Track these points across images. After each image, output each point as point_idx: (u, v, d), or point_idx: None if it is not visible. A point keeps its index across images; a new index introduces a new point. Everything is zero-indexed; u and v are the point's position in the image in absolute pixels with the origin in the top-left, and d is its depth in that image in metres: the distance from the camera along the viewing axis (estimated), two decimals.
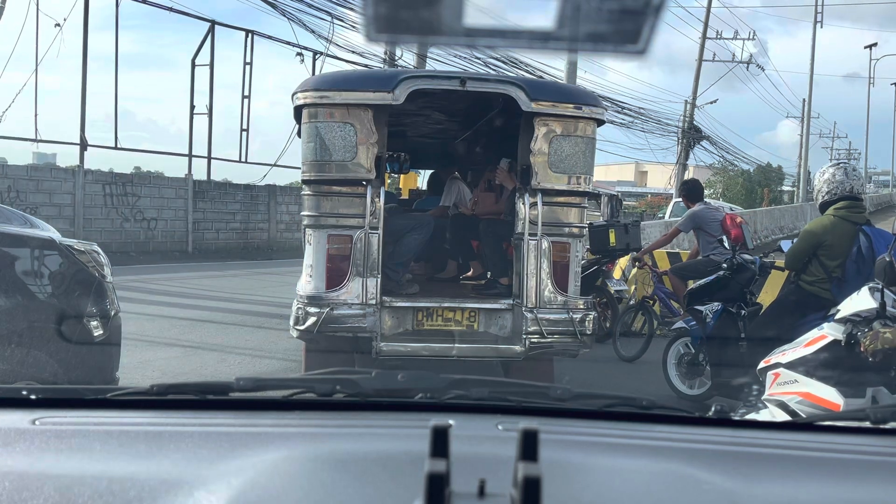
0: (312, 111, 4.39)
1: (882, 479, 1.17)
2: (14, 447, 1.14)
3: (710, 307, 5.41)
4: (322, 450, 1.15)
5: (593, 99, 4.90)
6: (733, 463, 1.16)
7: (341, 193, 4.47)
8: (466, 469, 0.86)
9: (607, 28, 0.54)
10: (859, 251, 4.28)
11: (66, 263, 3.35)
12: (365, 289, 4.40)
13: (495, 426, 1.25)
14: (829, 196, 4.52)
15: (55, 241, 3.42)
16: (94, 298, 3.44)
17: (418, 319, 4.65)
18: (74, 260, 3.40)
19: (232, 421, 1.29)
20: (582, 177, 4.68)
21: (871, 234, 4.32)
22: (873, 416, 1.38)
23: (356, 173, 4.40)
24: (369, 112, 4.34)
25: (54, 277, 3.34)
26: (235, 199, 20.07)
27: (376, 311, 4.41)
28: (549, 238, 4.60)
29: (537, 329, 4.51)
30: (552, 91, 4.77)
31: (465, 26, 0.54)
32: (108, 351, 3.44)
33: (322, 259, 4.47)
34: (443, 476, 0.72)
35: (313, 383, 1.41)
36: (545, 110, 4.44)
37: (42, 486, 0.96)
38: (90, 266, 3.47)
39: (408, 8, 0.53)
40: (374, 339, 4.39)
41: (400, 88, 4.29)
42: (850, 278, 4.27)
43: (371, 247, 4.42)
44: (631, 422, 1.37)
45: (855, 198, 4.53)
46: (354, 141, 4.34)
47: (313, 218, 4.53)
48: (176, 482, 0.99)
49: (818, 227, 4.50)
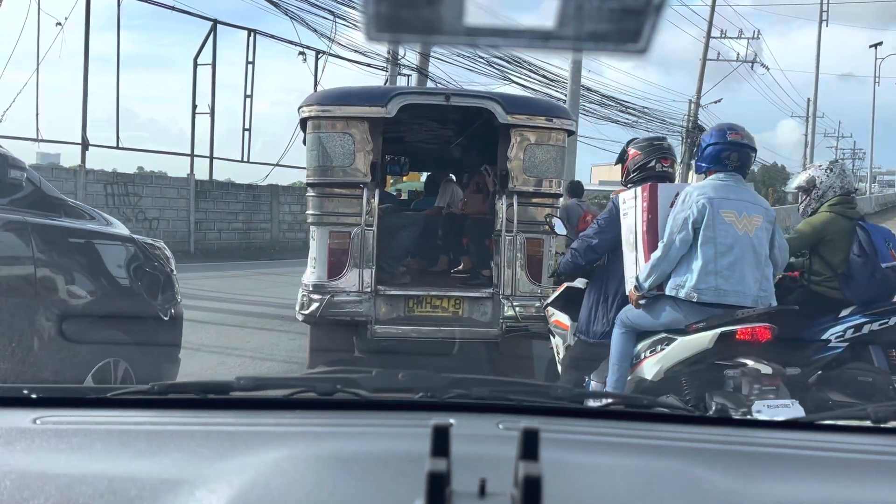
0: (316, 123, 4.99)
1: (882, 478, 1.17)
2: (15, 446, 1.14)
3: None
4: (323, 449, 1.15)
5: (563, 112, 5.51)
6: (734, 462, 1.16)
7: (341, 195, 5.02)
8: (467, 468, 0.86)
9: (608, 27, 0.54)
10: (860, 245, 4.26)
11: (143, 257, 3.80)
12: (361, 278, 4.98)
13: (496, 425, 1.25)
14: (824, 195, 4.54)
15: (134, 238, 3.86)
16: (164, 288, 3.91)
17: (409, 306, 5.22)
18: (149, 254, 3.87)
19: (233, 420, 1.30)
20: (553, 180, 5.30)
21: (871, 229, 4.33)
22: (874, 415, 1.38)
23: (354, 177, 4.97)
24: (366, 124, 4.93)
25: (136, 269, 3.76)
26: (237, 198, 19.98)
27: (371, 297, 5.01)
28: (524, 234, 5.21)
29: (513, 315, 5.11)
30: (526, 105, 5.37)
31: (466, 25, 0.54)
32: (175, 333, 3.94)
33: (324, 252, 5.03)
34: (443, 475, 0.72)
35: (314, 382, 1.42)
36: (520, 122, 5.05)
37: (43, 486, 0.96)
38: (161, 260, 3.97)
39: (408, 7, 0.53)
40: (369, 322, 4.99)
41: (392, 103, 4.90)
42: (856, 273, 4.25)
43: (367, 242, 5.00)
44: (632, 421, 1.37)
45: (848, 194, 4.55)
46: (352, 149, 4.93)
47: (317, 216, 5.09)
48: (177, 481, 0.99)
49: (818, 222, 4.50)
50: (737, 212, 3.36)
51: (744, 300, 3.29)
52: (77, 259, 3.38)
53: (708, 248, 3.31)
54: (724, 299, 3.28)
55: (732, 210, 3.35)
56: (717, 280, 3.28)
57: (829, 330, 4.33)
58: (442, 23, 0.54)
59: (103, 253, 3.56)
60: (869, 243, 4.26)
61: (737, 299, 3.28)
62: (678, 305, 3.36)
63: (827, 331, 4.34)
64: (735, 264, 3.30)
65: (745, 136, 3.55)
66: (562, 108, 5.79)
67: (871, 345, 4.22)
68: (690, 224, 3.33)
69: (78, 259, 3.39)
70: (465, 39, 0.56)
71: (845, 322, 4.31)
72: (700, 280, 3.29)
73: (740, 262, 3.31)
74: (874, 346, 4.22)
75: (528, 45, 0.57)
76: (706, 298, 3.29)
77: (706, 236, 3.31)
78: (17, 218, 3.03)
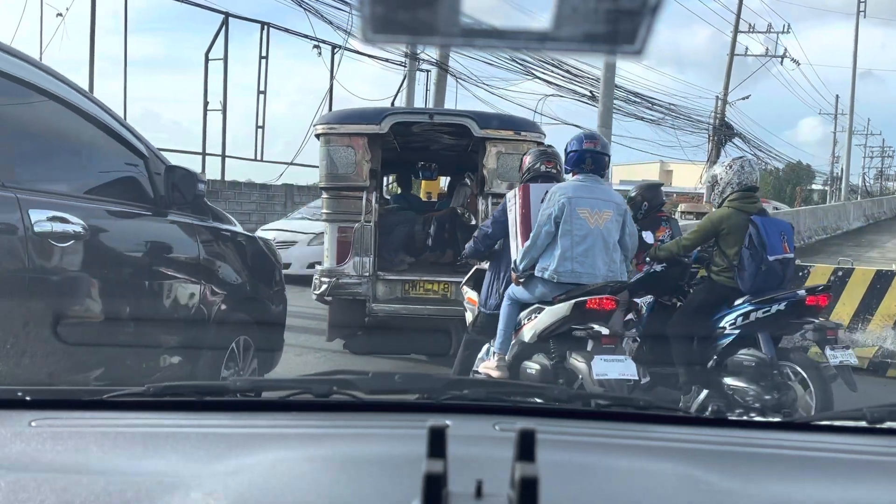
0: (326, 138, 6.01)
1: (877, 478, 1.18)
2: (11, 448, 1.14)
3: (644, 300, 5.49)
4: (319, 451, 1.15)
5: (530, 126, 6.36)
6: (730, 462, 1.16)
7: (347, 196, 6.04)
8: (464, 469, 0.86)
9: (604, 28, 0.54)
10: (750, 240, 4.50)
11: (262, 252, 4.43)
12: (362, 265, 5.97)
13: (492, 426, 1.25)
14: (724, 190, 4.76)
15: (256, 236, 4.57)
16: (276, 278, 4.56)
17: (405, 289, 6.14)
18: (266, 249, 4.51)
19: (228, 422, 1.29)
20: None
21: (760, 223, 4.53)
22: (869, 415, 1.38)
23: (356, 182, 5.96)
24: (364, 139, 5.92)
25: (260, 262, 4.42)
26: (251, 198, 18.99)
27: (370, 280, 5.97)
28: None
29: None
30: (496, 120, 6.26)
31: (462, 27, 0.54)
32: (283, 316, 4.57)
33: (333, 244, 6.07)
34: (440, 476, 0.72)
35: (310, 384, 1.41)
36: (491, 135, 5.96)
37: (39, 488, 0.96)
38: (273, 254, 4.64)
39: (404, 9, 0.53)
40: (367, 301, 5.94)
41: (385, 121, 5.92)
42: (746, 266, 4.51)
43: (366, 235, 5.97)
44: (628, 422, 1.37)
45: (749, 189, 4.74)
46: (354, 159, 5.93)
47: (328, 214, 6.16)
48: (173, 483, 0.99)
49: (716, 217, 4.75)
50: (590, 208, 4.11)
51: (594, 280, 4.03)
52: (228, 253, 4.11)
53: (566, 239, 4.07)
54: (579, 279, 4.05)
55: (586, 207, 4.11)
56: (573, 265, 4.06)
57: (725, 318, 4.66)
58: (438, 24, 0.54)
59: (242, 248, 4.24)
60: (758, 237, 4.51)
61: (589, 279, 4.03)
62: (545, 284, 4.12)
63: (723, 319, 4.67)
64: (588, 252, 4.06)
65: (598, 144, 4.31)
66: (529, 122, 6.62)
67: (760, 332, 4.50)
68: (553, 219, 4.09)
69: (228, 253, 4.11)
70: (461, 41, 0.56)
71: (736, 310, 4.62)
72: (559, 265, 4.07)
73: (592, 250, 4.07)
74: (763, 334, 4.50)
75: (524, 46, 0.57)
76: (564, 279, 4.06)
77: (564, 229, 4.07)
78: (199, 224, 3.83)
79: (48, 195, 2.89)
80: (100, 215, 3.14)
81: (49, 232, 2.74)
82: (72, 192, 3.09)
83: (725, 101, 28.41)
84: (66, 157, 3.32)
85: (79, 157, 3.43)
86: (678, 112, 25.64)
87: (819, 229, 24.79)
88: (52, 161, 3.19)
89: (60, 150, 3.27)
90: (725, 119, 28.15)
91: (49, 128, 3.16)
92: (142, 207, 3.41)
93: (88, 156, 3.46)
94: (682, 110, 26.34)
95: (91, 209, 3.07)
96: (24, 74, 2.87)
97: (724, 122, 28.01)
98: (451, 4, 0.53)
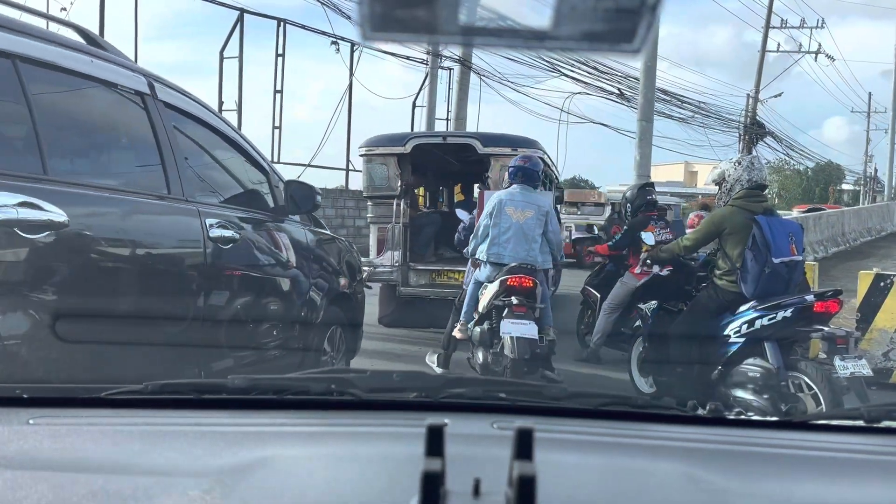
0: (367, 158, 7.62)
1: (876, 477, 1.18)
2: (8, 446, 1.13)
3: (648, 305, 5.44)
4: (317, 449, 1.15)
5: (528, 143, 7.40)
6: (729, 461, 1.16)
7: (383, 204, 7.62)
8: (462, 468, 0.86)
9: (603, 27, 0.54)
10: (754, 240, 4.32)
11: (345, 251, 4.98)
12: (393, 257, 7.53)
13: (490, 425, 1.25)
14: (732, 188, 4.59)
15: (336, 237, 5.08)
16: (357, 273, 5.15)
17: (432, 277, 7.69)
18: (348, 248, 5.09)
19: (227, 420, 1.29)
20: None
21: (764, 223, 4.35)
22: (867, 415, 1.38)
23: (389, 192, 7.51)
24: (395, 158, 7.46)
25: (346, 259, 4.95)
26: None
27: (401, 269, 7.53)
28: None
29: None
30: (498, 140, 7.46)
31: (462, 25, 0.54)
32: (363, 308, 5.18)
33: (374, 241, 7.69)
34: (438, 475, 0.72)
35: (308, 382, 1.41)
36: (494, 152, 7.26)
37: (36, 486, 0.96)
38: (354, 252, 5.19)
39: (404, 7, 0.53)
40: (397, 285, 7.54)
41: (408, 144, 7.44)
42: (749, 268, 4.32)
43: (397, 234, 7.51)
44: (626, 421, 1.37)
45: (757, 187, 4.56)
46: (387, 174, 7.51)
47: (371, 218, 7.82)
48: (171, 481, 0.98)
49: (717, 216, 4.58)
50: (514, 208, 5.36)
51: (514, 261, 5.20)
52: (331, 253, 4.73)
53: (495, 229, 5.35)
54: (502, 260, 5.26)
55: (512, 207, 5.37)
56: (498, 248, 5.32)
57: (729, 325, 4.41)
58: (437, 23, 0.53)
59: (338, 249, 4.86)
60: (762, 237, 4.29)
61: (510, 260, 5.23)
62: (486, 265, 5.38)
63: (727, 326, 4.42)
64: (510, 240, 5.31)
65: (529, 163, 5.53)
66: (528, 140, 7.60)
67: (766, 340, 4.24)
68: (489, 215, 5.40)
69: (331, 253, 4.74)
70: (461, 39, 0.56)
71: (740, 317, 4.38)
72: (489, 248, 5.35)
73: (513, 239, 5.30)
74: (769, 342, 4.23)
75: (523, 44, 0.57)
76: (493, 259, 5.31)
77: (495, 222, 5.36)
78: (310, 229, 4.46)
79: (215, 206, 3.54)
80: (249, 223, 3.76)
81: (219, 237, 3.37)
82: (230, 205, 3.74)
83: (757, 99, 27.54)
84: (220, 175, 3.99)
85: (225, 175, 4.06)
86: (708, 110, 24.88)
87: (864, 231, 23.90)
88: (212, 180, 3.84)
89: (216, 171, 3.95)
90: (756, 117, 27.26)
91: (209, 154, 3.88)
92: (267, 215, 4.01)
93: (235, 173, 4.08)
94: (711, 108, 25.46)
95: (244, 218, 3.71)
96: (194, 111, 3.58)
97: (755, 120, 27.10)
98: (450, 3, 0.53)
